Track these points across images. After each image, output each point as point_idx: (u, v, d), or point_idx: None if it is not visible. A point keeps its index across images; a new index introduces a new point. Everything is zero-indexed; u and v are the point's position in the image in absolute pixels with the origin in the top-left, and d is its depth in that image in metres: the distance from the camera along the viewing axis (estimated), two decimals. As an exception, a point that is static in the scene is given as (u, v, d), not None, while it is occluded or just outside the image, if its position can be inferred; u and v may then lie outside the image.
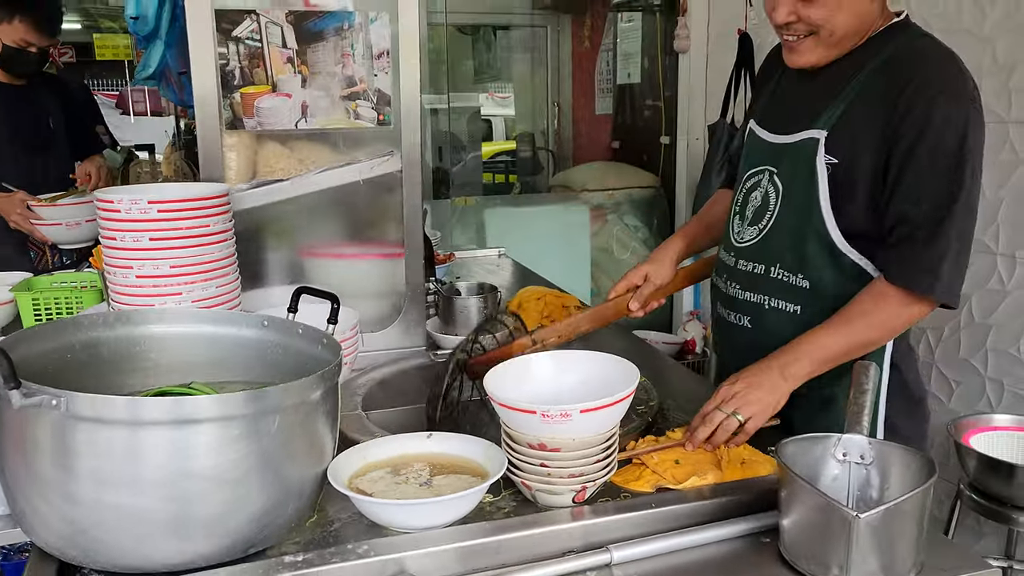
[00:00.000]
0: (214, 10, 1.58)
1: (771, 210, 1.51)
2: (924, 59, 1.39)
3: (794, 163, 1.47)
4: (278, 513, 1.07)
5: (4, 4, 2.67)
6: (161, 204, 1.38)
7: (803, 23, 1.40)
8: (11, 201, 2.58)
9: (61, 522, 1.00)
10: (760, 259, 1.53)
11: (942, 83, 1.34)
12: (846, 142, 1.41)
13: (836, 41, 1.42)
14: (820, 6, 1.37)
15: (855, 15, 1.39)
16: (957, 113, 1.33)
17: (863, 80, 1.41)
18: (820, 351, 1.37)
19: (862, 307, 1.39)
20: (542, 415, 1.12)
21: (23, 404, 0.94)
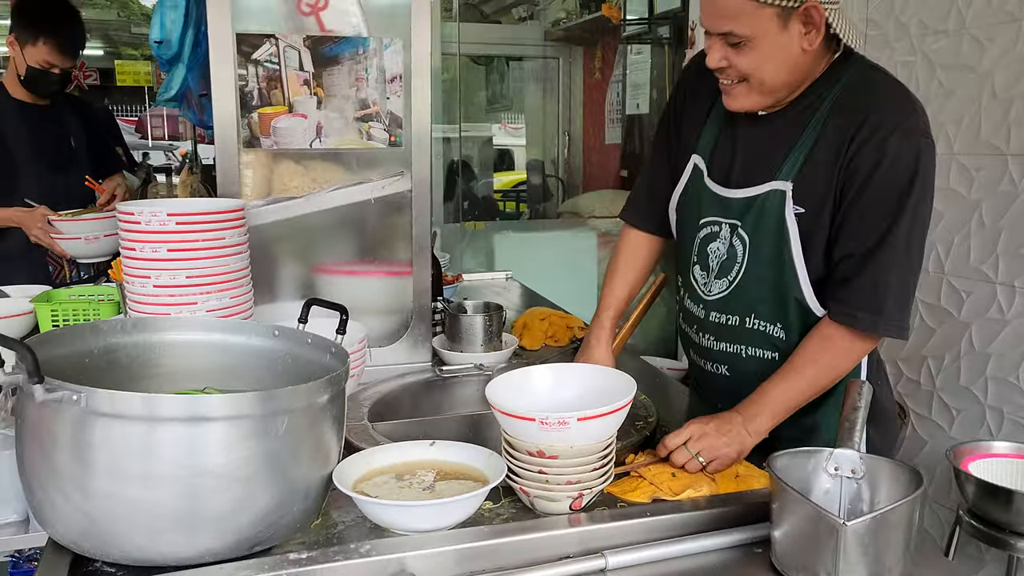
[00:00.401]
0: (235, 34, 1.65)
1: (739, 262, 1.49)
2: (875, 96, 1.39)
3: (760, 216, 1.45)
4: (284, 512, 1.11)
5: (29, 27, 2.76)
6: (179, 216, 1.44)
7: (734, 69, 1.39)
8: (32, 216, 2.66)
9: (76, 514, 1.04)
10: (733, 311, 1.53)
11: (895, 120, 1.35)
12: (811, 189, 1.40)
13: (768, 90, 1.41)
14: (747, 55, 1.36)
15: (785, 66, 1.38)
16: (908, 148, 1.34)
17: (818, 123, 1.41)
18: (776, 404, 1.41)
19: (810, 354, 1.42)
20: (541, 423, 1.16)
21: (45, 399, 0.99)
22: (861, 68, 1.44)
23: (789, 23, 1.33)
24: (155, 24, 2.06)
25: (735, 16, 1.33)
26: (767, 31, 1.33)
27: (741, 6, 1.32)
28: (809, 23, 1.34)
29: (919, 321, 2.67)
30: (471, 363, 1.89)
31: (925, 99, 2.57)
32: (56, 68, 2.80)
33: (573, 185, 6.18)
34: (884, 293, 1.37)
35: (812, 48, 1.37)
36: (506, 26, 6.72)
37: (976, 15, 2.41)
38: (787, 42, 1.35)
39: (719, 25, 1.36)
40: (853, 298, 1.39)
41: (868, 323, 1.39)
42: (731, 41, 1.36)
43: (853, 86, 1.41)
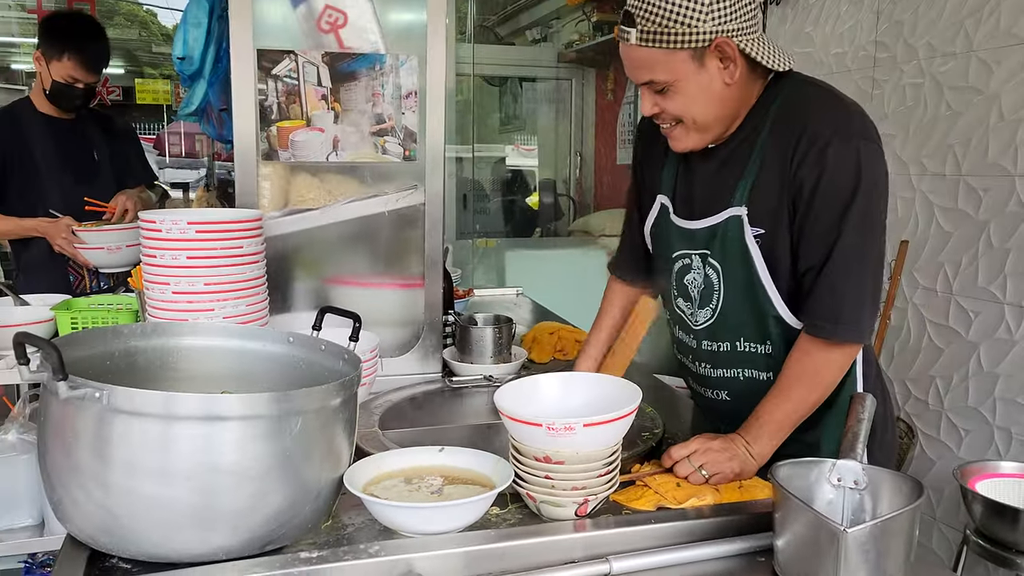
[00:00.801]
0: (256, 50, 1.70)
1: (717, 290, 1.52)
2: (809, 107, 1.40)
3: (724, 243, 1.47)
4: (296, 512, 1.13)
5: (55, 43, 2.84)
6: (199, 225, 1.48)
7: (667, 114, 1.42)
8: (57, 226, 2.72)
9: (95, 510, 1.07)
10: (722, 337, 1.55)
11: (831, 128, 1.36)
12: (765, 210, 1.42)
13: (704, 127, 1.43)
14: (673, 99, 1.39)
15: (712, 103, 1.40)
16: (847, 151, 1.35)
17: (761, 145, 1.43)
18: (771, 425, 1.42)
19: (793, 372, 1.43)
20: (547, 428, 1.18)
21: (69, 396, 1.02)
22: (794, 84, 1.45)
23: (705, 61, 1.35)
24: (178, 41, 2.12)
25: (651, 66, 1.37)
26: (685, 73, 1.36)
27: (654, 55, 1.35)
28: (725, 58, 1.36)
29: (927, 341, 2.68)
30: (481, 374, 1.92)
31: (933, 120, 2.61)
32: (80, 83, 2.87)
33: (584, 204, 6.23)
34: (840, 300, 1.38)
35: (734, 81, 1.38)
36: (520, 48, 6.81)
37: (984, 38, 2.44)
38: (708, 80, 1.37)
39: (639, 76, 1.40)
40: (813, 309, 1.41)
41: (828, 331, 1.40)
42: (655, 88, 1.40)
43: (788, 103, 1.43)
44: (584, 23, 5.90)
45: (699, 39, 1.33)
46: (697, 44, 1.33)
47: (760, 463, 1.41)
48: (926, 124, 2.65)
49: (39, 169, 2.88)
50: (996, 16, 2.40)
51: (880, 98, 2.83)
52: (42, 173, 2.89)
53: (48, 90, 2.88)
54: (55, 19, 3.00)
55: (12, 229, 2.87)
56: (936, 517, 2.67)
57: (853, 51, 2.98)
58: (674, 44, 1.33)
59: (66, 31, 2.89)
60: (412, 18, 1.84)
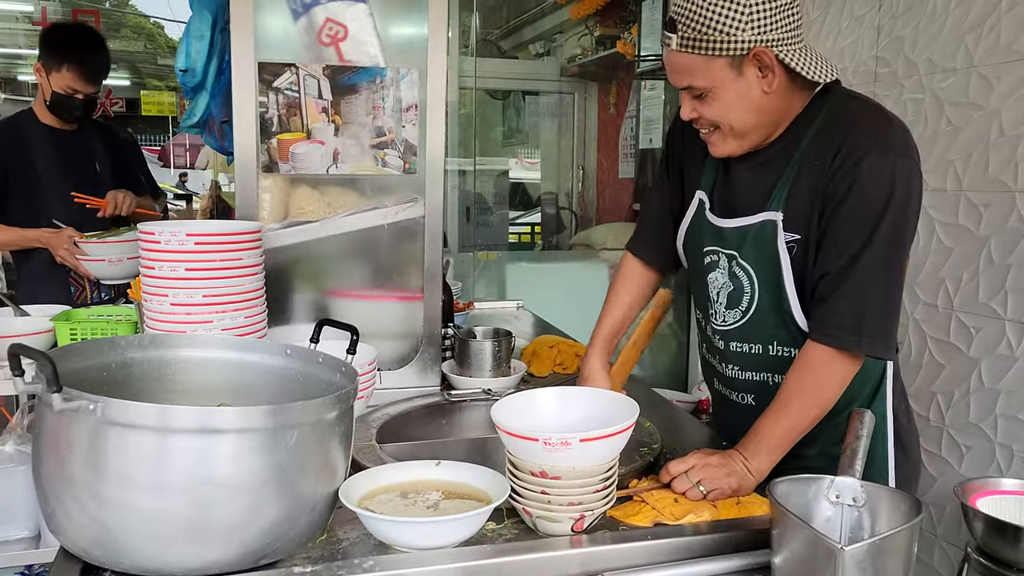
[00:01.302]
0: (257, 63, 1.70)
1: (748, 292, 1.52)
2: (852, 121, 1.42)
3: (757, 245, 1.48)
4: (290, 526, 1.13)
5: (54, 54, 2.85)
6: (198, 237, 1.48)
7: (704, 119, 1.45)
8: (59, 237, 2.72)
9: (89, 522, 1.06)
10: (753, 339, 1.54)
11: (870, 140, 1.37)
12: (799, 218, 1.43)
13: (741, 134, 1.45)
14: (711, 105, 1.42)
15: (749, 111, 1.42)
16: (883, 165, 1.36)
17: (800, 155, 1.44)
18: (770, 441, 1.41)
19: (794, 386, 1.42)
20: (544, 443, 1.18)
21: (63, 407, 1.02)
22: (839, 99, 1.47)
23: (743, 69, 1.38)
24: (181, 53, 2.13)
25: (691, 71, 1.39)
26: (724, 80, 1.38)
27: (693, 61, 1.38)
28: (763, 67, 1.38)
29: (928, 357, 2.67)
30: (479, 388, 1.91)
31: (934, 136, 2.61)
32: (80, 94, 2.89)
33: (586, 218, 6.23)
34: (864, 311, 1.37)
35: (772, 90, 1.40)
36: (523, 61, 6.84)
37: (984, 54, 2.45)
38: (746, 88, 1.39)
39: (679, 81, 1.43)
40: (832, 317, 1.39)
41: (850, 342, 1.38)
42: (695, 94, 1.42)
43: (832, 116, 1.44)
44: (587, 37, 5.92)
45: (738, 47, 1.35)
46: (735, 52, 1.35)
47: (759, 479, 1.40)
48: (927, 139, 2.65)
49: (41, 180, 2.89)
50: (996, 32, 2.40)
51: (881, 113, 2.84)
52: (44, 184, 2.89)
53: (48, 101, 2.89)
54: (55, 31, 3.01)
55: (14, 239, 2.87)
56: (937, 534, 2.65)
57: (854, 66, 2.99)
58: (713, 51, 1.36)
59: (65, 42, 2.90)
60: (413, 31, 1.85)
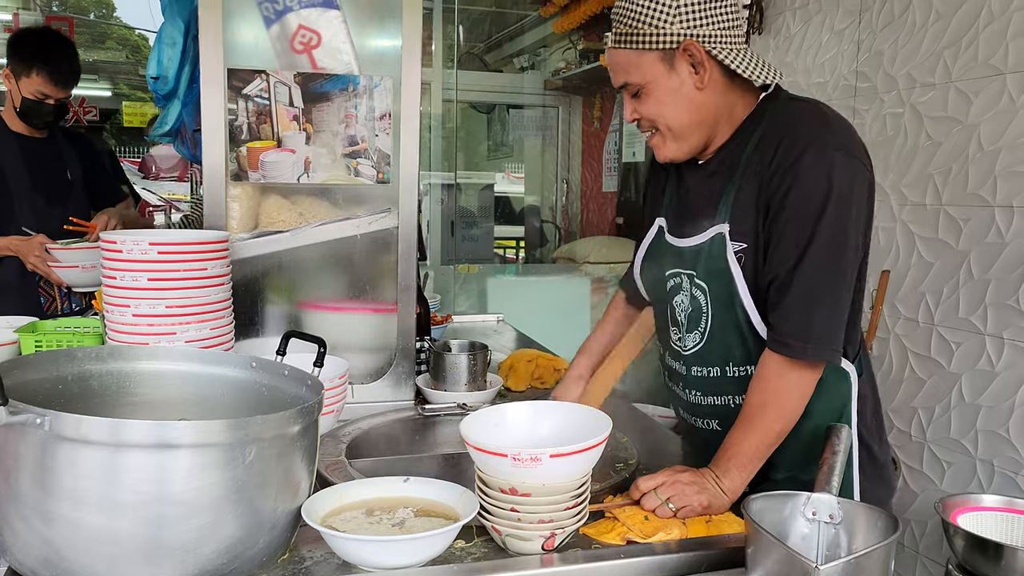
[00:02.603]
0: (227, 68, 1.67)
1: (705, 313, 1.49)
2: (790, 121, 1.40)
3: (709, 262, 1.46)
4: (249, 544, 1.09)
5: (24, 59, 2.82)
6: (161, 246, 1.44)
7: (646, 120, 1.45)
8: (30, 244, 2.69)
9: (36, 541, 1.02)
10: (711, 362, 1.51)
11: (807, 137, 1.35)
12: (744, 225, 1.41)
13: (679, 134, 1.44)
14: (647, 103, 1.42)
15: (684, 108, 1.41)
16: (821, 162, 1.32)
17: (743, 162, 1.42)
18: (740, 458, 1.37)
19: (756, 400, 1.39)
20: (513, 458, 1.14)
21: (8, 421, 0.98)
22: (780, 102, 1.46)
23: (675, 64, 1.39)
24: (152, 60, 2.10)
25: (625, 68, 1.41)
26: (656, 76, 1.40)
27: (628, 57, 1.40)
28: (695, 62, 1.38)
29: (909, 372, 2.66)
30: (454, 402, 1.87)
31: (913, 150, 2.61)
32: (50, 99, 2.85)
33: (570, 231, 6.22)
34: (811, 315, 1.34)
35: (705, 86, 1.40)
36: (507, 75, 6.85)
37: (962, 69, 2.45)
38: (678, 84, 1.40)
39: (617, 79, 1.45)
40: (782, 324, 1.36)
41: (798, 350, 1.35)
42: (631, 91, 1.43)
43: (772, 119, 1.42)
44: (571, 51, 5.93)
45: (667, 40, 1.37)
46: (665, 45, 1.37)
47: (732, 498, 1.36)
48: (906, 154, 2.65)
49: (10, 189, 2.84)
50: (974, 48, 2.41)
51: (861, 127, 2.83)
52: (13, 193, 2.84)
53: (18, 107, 2.85)
54: (23, 35, 2.96)
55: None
56: (919, 551, 2.63)
57: (834, 80, 2.99)
58: (643, 45, 1.38)
59: (35, 47, 2.86)
60: (388, 41, 1.82)
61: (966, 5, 2.44)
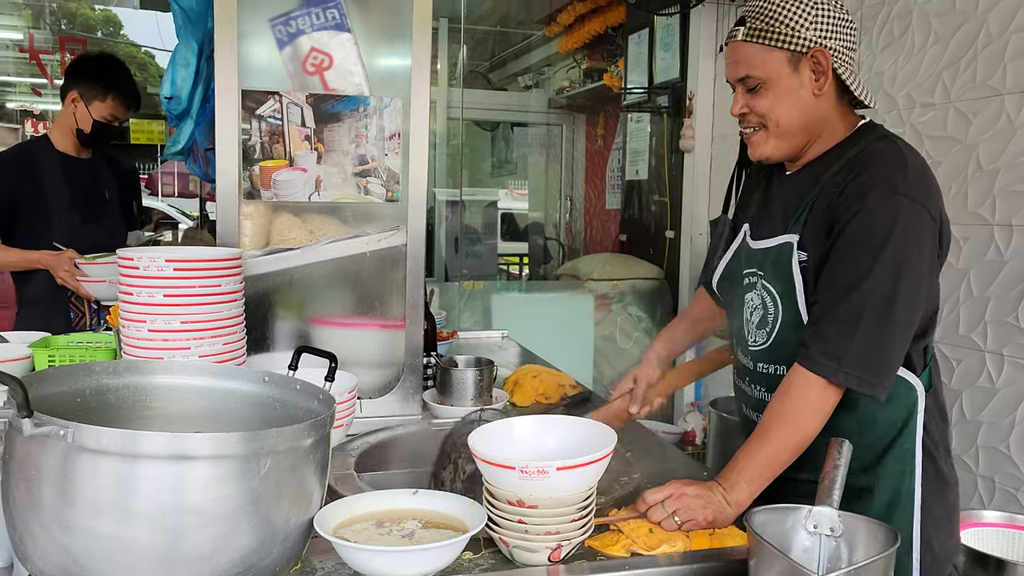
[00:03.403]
0: (241, 90, 1.71)
1: (772, 313, 1.54)
2: (873, 157, 1.46)
3: (775, 267, 1.53)
4: (263, 555, 1.11)
5: (97, 83, 2.95)
6: (177, 263, 1.47)
7: (754, 115, 1.52)
8: (60, 259, 2.76)
9: (56, 549, 1.04)
10: (778, 360, 1.55)
11: (881, 176, 1.41)
12: (812, 239, 1.47)
13: (783, 133, 1.51)
14: (763, 98, 1.49)
15: (798, 109, 1.49)
16: (888, 200, 1.38)
17: (824, 181, 1.49)
18: (751, 470, 1.40)
19: (775, 414, 1.42)
20: (520, 471, 1.17)
21: (33, 433, 1.01)
22: (875, 136, 1.52)
23: (799, 68, 1.47)
24: (166, 80, 2.14)
25: (750, 62, 1.49)
26: (780, 74, 1.47)
27: (755, 52, 1.48)
28: (818, 69, 1.47)
29: (911, 388, 2.68)
30: (460, 417, 1.90)
31: (914, 170, 2.64)
32: (117, 121, 3.00)
33: (574, 248, 6.26)
34: (851, 341, 1.37)
35: (822, 94, 1.48)
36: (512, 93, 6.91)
37: (961, 90, 2.49)
38: (798, 86, 1.48)
39: (738, 72, 1.51)
40: (818, 343, 1.40)
41: (827, 369, 1.38)
42: (749, 86, 1.50)
43: (863, 149, 1.49)
44: (575, 70, 5.99)
45: (799, 43, 1.45)
46: (796, 48, 1.46)
47: (737, 511, 1.38)
48: (907, 173, 2.68)
49: (48, 206, 2.94)
50: (972, 68, 2.45)
51: (862, 147, 2.88)
52: (51, 210, 2.94)
53: (88, 130, 2.96)
54: (94, 61, 3.09)
55: (16, 261, 2.90)
56: (922, 567, 2.64)
57: (835, 101, 3.03)
58: (776, 42, 1.46)
59: (107, 72, 3.01)
60: (397, 62, 1.87)
61: (965, 27, 2.48)
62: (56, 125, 3.09)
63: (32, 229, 2.92)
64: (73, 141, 3.03)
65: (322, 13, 1.75)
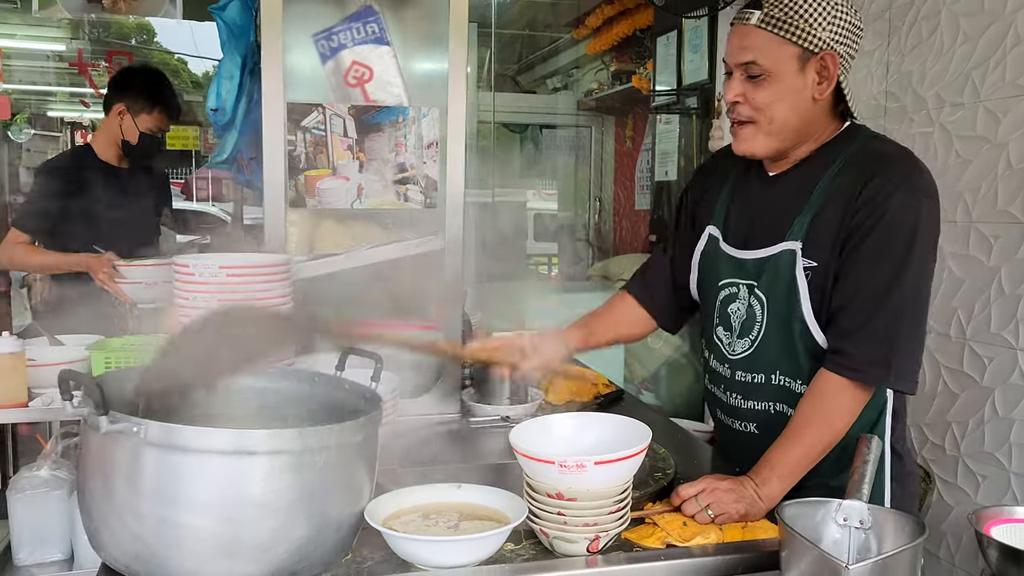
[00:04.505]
0: (286, 103, 1.79)
1: (759, 321, 1.56)
2: (884, 157, 1.49)
3: (773, 276, 1.52)
4: (318, 544, 1.18)
5: (143, 97, 3.09)
6: (230, 269, 1.55)
7: (748, 105, 1.48)
8: (99, 260, 2.87)
9: (130, 539, 1.12)
10: (758, 369, 1.58)
11: (901, 177, 1.44)
12: (820, 246, 1.48)
13: (775, 132, 1.49)
14: (764, 89, 1.46)
15: (795, 110, 1.48)
16: (911, 202, 1.42)
17: (826, 184, 1.49)
18: (783, 468, 1.44)
19: (806, 414, 1.46)
20: (560, 465, 1.23)
21: (109, 430, 1.09)
22: (869, 138, 1.55)
23: (806, 67, 1.45)
24: (212, 93, 2.24)
25: (760, 49, 1.45)
26: (786, 69, 1.45)
27: (767, 40, 1.45)
28: (823, 73, 1.46)
29: (942, 386, 2.69)
30: (498, 415, 1.96)
31: (943, 169, 2.66)
32: (162, 132, 3.15)
33: (604, 249, 6.30)
34: (893, 346, 1.41)
35: (822, 98, 1.48)
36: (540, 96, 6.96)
37: (990, 89, 2.50)
38: (801, 86, 1.46)
39: (743, 55, 1.47)
40: (861, 351, 1.43)
41: (879, 377, 1.43)
42: (751, 73, 1.47)
43: (862, 151, 1.51)
44: (603, 72, 6.03)
45: (813, 42, 1.43)
46: (810, 46, 1.43)
47: (769, 506, 1.43)
48: (936, 172, 2.65)
49: (90, 213, 3.07)
50: (1002, 68, 2.46)
51: (891, 146, 2.89)
52: (92, 217, 3.07)
53: (135, 141, 3.10)
54: (141, 74, 3.24)
55: (58, 263, 3.02)
56: (955, 563, 2.65)
57: (864, 100, 3.05)
58: (791, 35, 1.43)
59: (154, 85, 3.15)
60: (434, 67, 1.93)
61: (993, 27, 2.49)
62: (99, 135, 3.22)
63: (72, 234, 3.04)
64: (116, 151, 3.16)
65: (363, 28, 1.83)
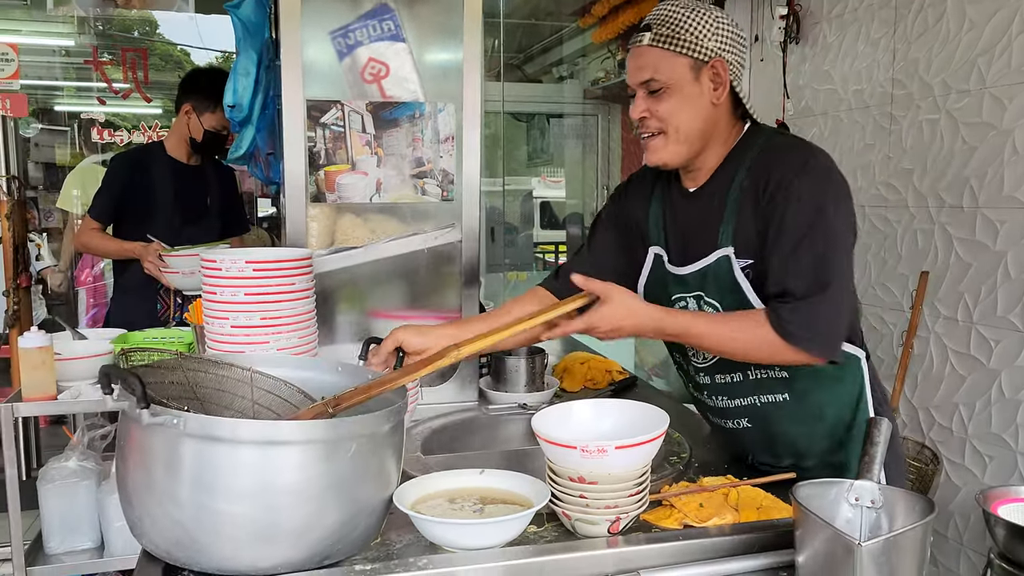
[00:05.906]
0: (306, 100, 1.83)
1: None
2: (781, 151, 1.54)
3: (716, 281, 1.57)
4: (350, 528, 1.23)
5: (209, 97, 3.17)
6: (256, 264, 1.60)
7: (654, 119, 1.56)
8: (148, 249, 2.99)
9: (170, 525, 1.17)
10: (733, 369, 1.62)
11: (797, 161, 1.50)
12: (748, 242, 1.53)
13: (682, 139, 1.56)
14: (665, 102, 1.53)
15: (698, 116, 1.55)
16: (815, 178, 1.48)
17: (738, 187, 1.55)
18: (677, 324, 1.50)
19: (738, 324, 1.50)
20: (582, 450, 1.27)
21: (150, 422, 1.13)
22: (768, 135, 1.61)
23: (700, 76, 1.53)
24: (228, 90, 2.27)
25: (655, 66, 1.53)
26: (682, 80, 1.53)
27: (660, 57, 1.53)
28: (716, 79, 1.53)
29: (950, 369, 2.73)
30: (515, 403, 2.01)
31: (950, 155, 2.69)
32: (225, 131, 3.23)
33: (611, 237, 6.32)
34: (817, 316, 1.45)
35: (720, 103, 1.55)
36: (547, 85, 6.96)
37: (996, 76, 2.53)
38: (698, 93, 1.54)
39: (641, 75, 1.55)
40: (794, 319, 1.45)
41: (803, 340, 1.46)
42: (652, 88, 1.54)
43: (762, 151, 1.56)
44: (609, 60, 6.03)
45: (702, 52, 1.52)
46: (699, 55, 1.52)
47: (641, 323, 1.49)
48: (943, 158, 2.73)
49: (155, 206, 3.20)
50: (1008, 55, 2.48)
51: (898, 133, 2.92)
52: (156, 210, 3.20)
53: (200, 139, 3.21)
54: (206, 75, 3.35)
55: (116, 249, 3.23)
56: (963, 542, 2.70)
57: (871, 88, 3.07)
58: (681, 49, 1.52)
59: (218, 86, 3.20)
60: (449, 57, 1.96)
61: (999, 14, 2.52)
62: (171, 133, 3.36)
63: (137, 225, 3.19)
64: (186, 149, 3.28)
65: (378, 25, 1.86)
